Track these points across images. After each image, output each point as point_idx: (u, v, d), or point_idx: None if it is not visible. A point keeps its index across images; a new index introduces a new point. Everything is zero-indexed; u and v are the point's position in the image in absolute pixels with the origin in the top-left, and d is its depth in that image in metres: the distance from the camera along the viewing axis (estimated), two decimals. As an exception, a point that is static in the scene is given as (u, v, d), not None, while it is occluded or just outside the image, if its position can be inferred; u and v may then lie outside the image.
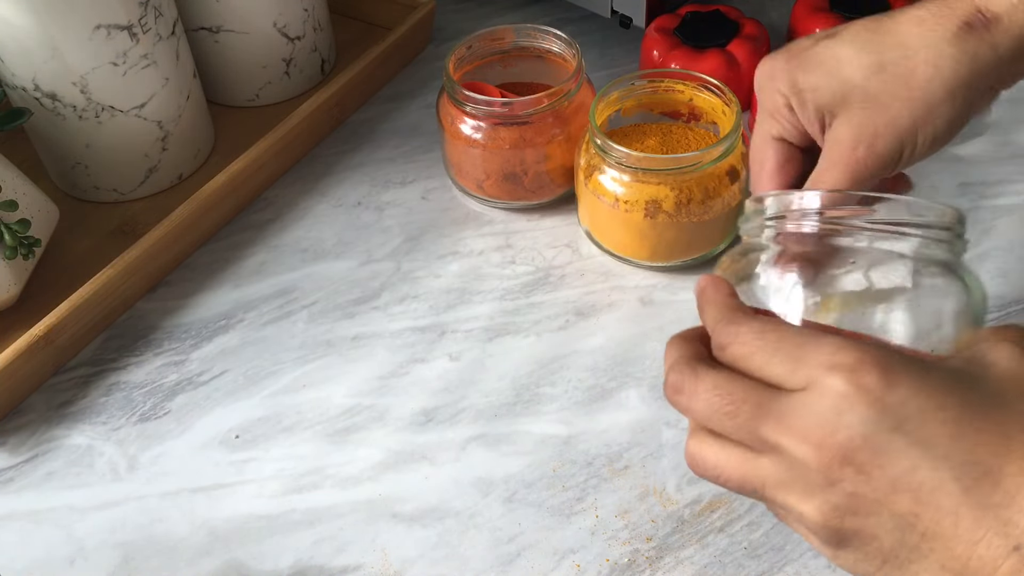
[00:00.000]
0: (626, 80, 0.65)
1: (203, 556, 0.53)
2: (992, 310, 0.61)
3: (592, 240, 0.67)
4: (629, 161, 0.60)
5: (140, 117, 0.67)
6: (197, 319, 0.65)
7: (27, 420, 0.60)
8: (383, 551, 0.52)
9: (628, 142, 0.64)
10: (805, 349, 0.33)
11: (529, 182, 0.67)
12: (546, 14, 0.87)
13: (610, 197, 0.62)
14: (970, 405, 0.32)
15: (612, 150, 0.60)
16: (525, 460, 0.56)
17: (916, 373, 0.32)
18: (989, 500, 0.31)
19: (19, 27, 0.61)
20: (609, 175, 0.62)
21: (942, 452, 0.31)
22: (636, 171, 0.61)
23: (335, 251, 0.68)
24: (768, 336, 0.35)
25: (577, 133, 0.67)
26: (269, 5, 0.73)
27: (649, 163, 0.60)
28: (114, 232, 0.69)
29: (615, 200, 0.62)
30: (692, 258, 0.64)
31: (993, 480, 0.31)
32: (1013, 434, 0.31)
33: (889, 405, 0.31)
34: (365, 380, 0.61)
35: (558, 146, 0.66)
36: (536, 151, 0.66)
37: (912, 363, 0.33)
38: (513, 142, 0.65)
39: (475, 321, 0.63)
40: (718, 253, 0.64)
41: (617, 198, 0.61)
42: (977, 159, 0.71)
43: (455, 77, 0.66)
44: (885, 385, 0.32)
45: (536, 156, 0.66)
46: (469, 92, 0.65)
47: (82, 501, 0.56)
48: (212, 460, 0.57)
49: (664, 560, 0.51)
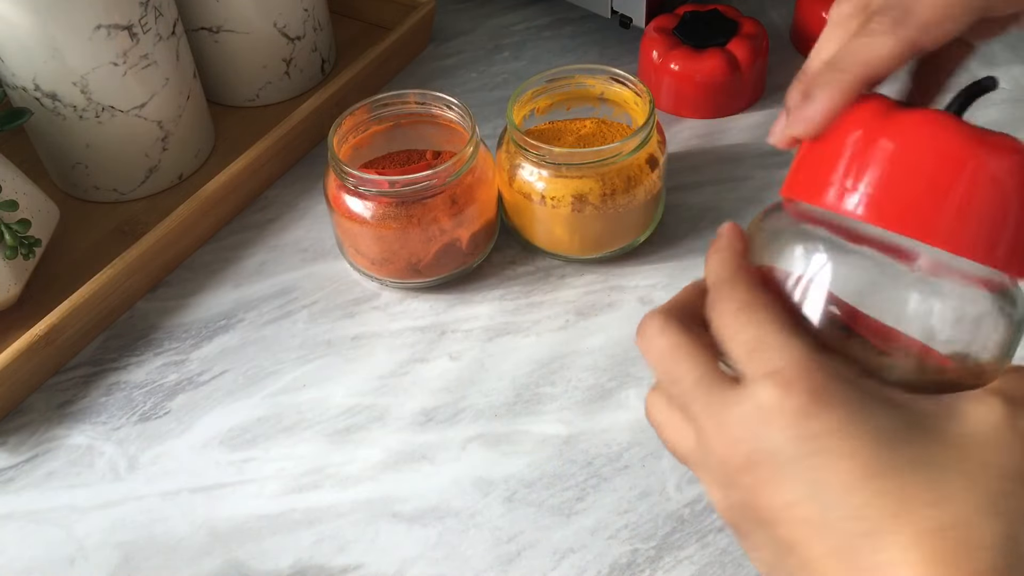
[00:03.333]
0: (537, 80, 0.65)
1: (203, 556, 0.53)
2: (992, 310, 0.61)
3: (518, 239, 0.67)
4: (552, 158, 0.61)
5: (140, 117, 0.67)
6: (197, 319, 0.65)
7: (27, 420, 0.60)
8: (383, 551, 0.52)
9: (546, 139, 0.65)
10: (761, 345, 0.32)
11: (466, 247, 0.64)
12: (546, 14, 0.87)
13: (536, 195, 0.62)
14: (891, 459, 0.29)
15: (534, 148, 0.61)
16: (525, 460, 0.56)
17: (849, 407, 0.30)
18: (859, 563, 0.29)
19: (19, 27, 0.61)
20: (532, 173, 0.62)
21: (832, 498, 0.30)
22: (559, 167, 0.61)
23: (335, 251, 0.68)
24: (742, 316, 0.33)
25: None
26: (269, 5, 0.73)
27: (571, 158, 0.61)
28: (114, 232, 0.69)
29: (540, 197, 0.62)
30: (619, 248, 0.65)
31: (873, 545, 0.29)
32: (917, 504, 0.29)
33: (803, 434, 0.30)
34: (365, 380, 0.61)
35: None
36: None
37: (854, 397, 0.31)
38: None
39: (475, 321, 0.63)
40: (642, 242, 0.66)
41: (543, 195, 0.62)
42: (977, 159, 0.71)
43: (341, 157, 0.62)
44: (808, 412, 0.30)
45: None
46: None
47: (82, 501, 0.56)
48: (212, 460, 0.57)
49: (664, 560, 0.51)
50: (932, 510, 0.29)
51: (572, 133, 0.66)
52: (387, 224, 0.61)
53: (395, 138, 0.67)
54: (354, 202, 0.62)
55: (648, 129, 0.61)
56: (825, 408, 0.30)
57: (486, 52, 0.84)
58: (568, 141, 0.66)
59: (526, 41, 0.85)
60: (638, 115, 0.65)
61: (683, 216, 0.69)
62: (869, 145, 0.35)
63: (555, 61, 0.82)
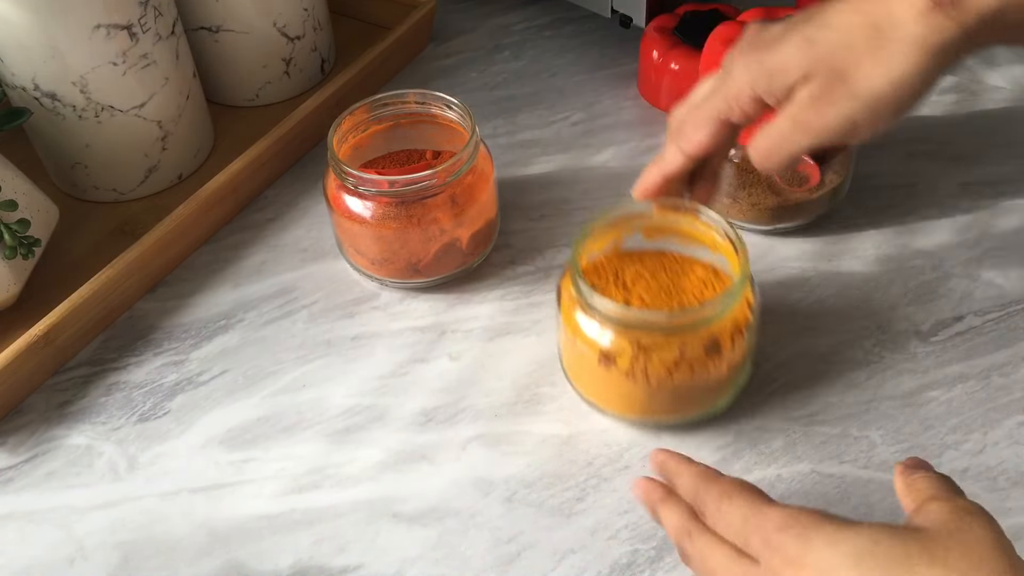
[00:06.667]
0: (614, 211, 0.55)
1: (203, 556, 0.53)
2: (992, 310, 0.61)
3: (568, 382, 0.59)
4: (612, 313, 0.51)
5: (140, 117, 0.67)
6: (197, 319, 0.65)
7: (27, 420, 0.60)
8: (383, 551, 0.52)
9: (630, 275, 0.56)
10: (748, 525, 0.41)
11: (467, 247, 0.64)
12: (546, 13, 0.87)
13: (596, 350, 0.53)
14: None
15: (596, 300, 0.51)
16: (525, 460, 0.56)
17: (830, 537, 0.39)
18: None
19: (19, 27, 0.61)
20: (592, 326, 0.53)
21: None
22: (618, 323, 0.52)
23: (335, 251, 0.68)
24: (724, 514, 0.42)
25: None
26: (269, 5, 0.73)
27: (628, 317, 0.51)
28: (114, 232, 0.69)
29: (602, 355, 0.53)
30: (694, 416, 0.56)
31: None
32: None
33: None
34: (365, 380, 0.61)
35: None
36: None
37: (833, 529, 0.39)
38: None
39: (475, 321, 0.63)
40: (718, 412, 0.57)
41: (606, 353, 0.53)
42: (977, 159, 0.71)
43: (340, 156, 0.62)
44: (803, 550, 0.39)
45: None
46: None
47: (82, 501, 0.56)
48: (212, 460, 0.57)
49: (664, 560, 0.51)
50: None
51: (648, 275, 0.56)
52: (387, 224, 0.61)
53: (395, 138, 0.67)
54: (354, 202, 0.61)
55: (739, 292, 0.52)
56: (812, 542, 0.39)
57: (486, 52, 0.84)
58: (650, 286, 0.55)
59: (526, 41, 0.85)
60: (730, 262, 0.54)
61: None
62: None
63: (555, 61, 0.82)
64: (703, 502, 0.44)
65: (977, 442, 0.55)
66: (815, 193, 0.64)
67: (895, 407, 0.57)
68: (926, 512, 0.40)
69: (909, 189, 0.69)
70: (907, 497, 0.42)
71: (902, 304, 0.62)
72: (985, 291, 0.62)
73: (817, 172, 0.64)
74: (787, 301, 0.63)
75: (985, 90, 0.76)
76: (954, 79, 0.77)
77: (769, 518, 0.40)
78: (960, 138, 0.73)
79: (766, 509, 0.41)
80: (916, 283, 0.63)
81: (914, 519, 0.40)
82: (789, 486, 0.53)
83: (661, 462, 0.48)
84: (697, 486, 0.44)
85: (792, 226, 0.66)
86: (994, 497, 0.52)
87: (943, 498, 0.40)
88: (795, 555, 0.39)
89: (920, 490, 0.41)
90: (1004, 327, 0.60)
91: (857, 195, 0.68)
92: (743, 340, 0.53)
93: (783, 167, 0.50)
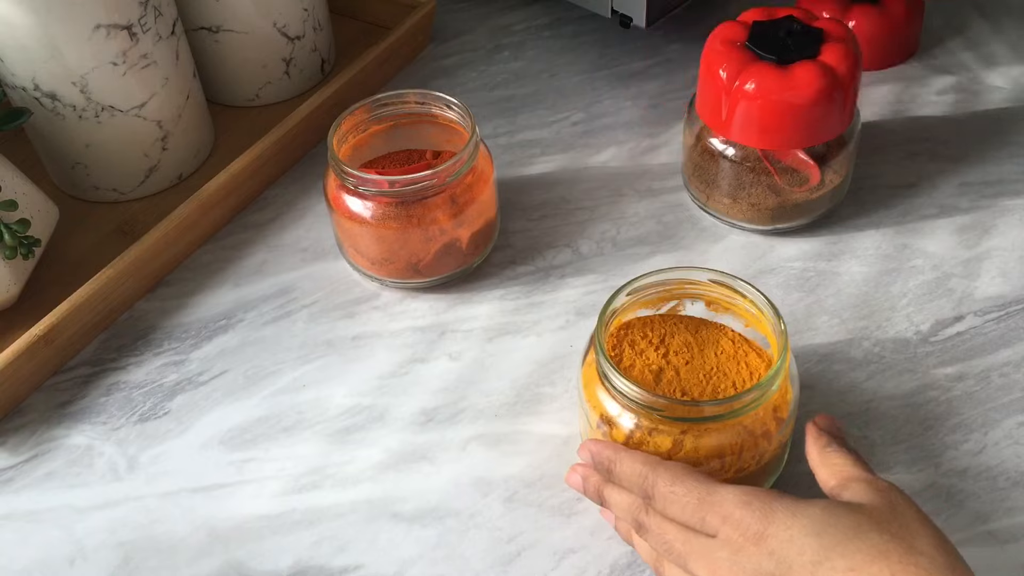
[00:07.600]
0: (651, 285, 0.51)
1: (203, 556, 0.53)
2: (992, 310, 0.61)
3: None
4: (636, 397, 0.48)
5: (140, 117, 0.67)
6: (197, 319, 0.65)
7: (27, 420, 0.60)
8: (383, 551, 0.52)
9: (650, 340, 0.53)
10: (704, 504, 0.44)
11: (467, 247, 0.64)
12: (546, 13, 0.87)
13: (619, 434, 0.50)
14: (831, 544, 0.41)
15: (618, 382, 0.48)
16: (525, 460, 0.56)
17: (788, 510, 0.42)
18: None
19: (19, 27, 0.61)
20: (615, 407, 0.50)
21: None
22: (633, 404, 0.48)
23: (335, 251, 0.68)
24: (678, 496, 0.45)
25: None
26: (269, 5, 0.73)
27: (646, 399, 0.47)
28: (114, 232, 0.69)
29: (624, 437, 0.49)
30: None
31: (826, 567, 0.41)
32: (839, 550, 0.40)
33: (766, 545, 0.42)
34: (365, 380, 0.61)
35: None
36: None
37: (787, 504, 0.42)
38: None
39: (475, 321, 0.63)
40: None
41: (628, 436, 0.49)
42: (977, 159, 0.71)
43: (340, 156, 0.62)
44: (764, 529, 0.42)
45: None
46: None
47: (82, 501, 0.56)
48: (212, 460, 0.57)
49: (664, 560, 0.51)
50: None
51: (693, 347, 0.52)
52: (387, 224, 0.61)
53: (395, 138, 0.67)
54: (354, 202, 0.61)
55: (776, 380, 0.47)
56: (773, 515, 0.42)
57: (486, 52, 0.84)
58: (671, 362, 0.51)
59: (526, 41, 0.85)
60: (772, 345, 0.50)
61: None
62: None
63: (555, 61, 0.82)
64: (651, 485, 0.46)
65: (977, 442, 0.55)
66: (815, 193, 0.64)
67: (895, 407, 0.57)
68: (853, 490, 0.44)
69: (909, 189, 0.69)
70: (823, 469, 0.46)
71: (902, 304, 0.62)
72: (985, 291, 0.62)
73: (817, 172, 0.64)
74: (787, 301, 0.63)
75: (985, 90, 0.76)
76: (954, 79, 0.77)
77: (726, 497, 0.43)
78: (960, 138, 0.73)
79: (720, 489, 0.44)
80: (916, 283, 0.63)
81: (842, 495, 0.44)
82: (789, 487, 0.53)
83: (596, 452, 0.49)
84: (643, 472, 0.46)
85: (792, 226, 0.66)
86: (994, 497, 0.52)
87: (863, 478, 0.44)
88: (757, 530, 0.42)
89: (836, 465, 0.46)
90: (1004, 327, 0.60)
91: (857, 195, 0.69)
92: (783, 434, 0.50)
93: None
